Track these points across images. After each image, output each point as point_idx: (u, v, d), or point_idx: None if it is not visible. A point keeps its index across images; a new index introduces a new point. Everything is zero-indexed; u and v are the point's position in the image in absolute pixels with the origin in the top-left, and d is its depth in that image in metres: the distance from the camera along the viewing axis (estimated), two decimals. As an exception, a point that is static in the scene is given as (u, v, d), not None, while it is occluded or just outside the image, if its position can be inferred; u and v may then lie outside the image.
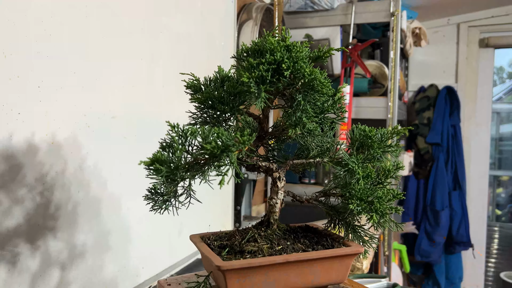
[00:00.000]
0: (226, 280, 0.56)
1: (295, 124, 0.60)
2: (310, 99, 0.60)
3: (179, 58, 1.19)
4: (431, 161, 3.07)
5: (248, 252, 0.60)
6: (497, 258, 3.55)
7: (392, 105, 1.95)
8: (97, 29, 0.88)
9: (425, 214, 3.08)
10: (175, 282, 0.70)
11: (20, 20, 0.70)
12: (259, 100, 0.57)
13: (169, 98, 1.14)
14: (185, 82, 0.67)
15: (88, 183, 0.87)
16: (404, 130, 0.66)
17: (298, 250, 0.62)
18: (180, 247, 1.22)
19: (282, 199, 0.69)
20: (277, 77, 0.59)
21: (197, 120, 0.67)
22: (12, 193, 0.70)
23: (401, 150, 0.68)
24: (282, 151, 0.74)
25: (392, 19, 1.93)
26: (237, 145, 0.52)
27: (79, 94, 0.84)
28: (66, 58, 0.80)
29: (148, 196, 0.60)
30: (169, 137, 0.55)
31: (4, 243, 0.69)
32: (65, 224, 0.81)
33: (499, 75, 3.92)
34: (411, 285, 3.28)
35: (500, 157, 3.81)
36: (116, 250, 0.96)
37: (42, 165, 0.76)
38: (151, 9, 1.06)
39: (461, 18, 3.26)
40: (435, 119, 3.05)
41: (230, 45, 1.49)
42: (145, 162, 0.52)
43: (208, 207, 1.37)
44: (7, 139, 0.69)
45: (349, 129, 0.68)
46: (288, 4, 2.08)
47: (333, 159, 0.67)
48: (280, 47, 0.58)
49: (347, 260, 0.64)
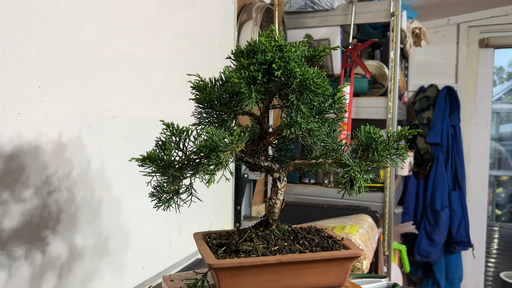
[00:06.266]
0: (219, 278, 0.57)
1: (290, 125, 0.60)
2: (305, 99, 0.60)
3: (179, 58, 1.19)
4: (431, 161, 3.07)
5: (243, 251, 0.61)
6: (497, 258, 3.55)
7: (392, 105, 1.95)
8: (97, 29, 0.88)
9: (425, 214, 3.08)
10: (178, 278, 0.71)
11: (20, 20, 0.70)
12: (250, 100, 0.57)
13: (169, 98, 1.14)
14: (188, 82, 0.67)
15: (89, 183, 0.87)
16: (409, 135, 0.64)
17: (295, 251, 0.62)
18: (180, 247, 1.22)
19: (282, 199, 0.69)
20: (269, 77, 0.59)
21: (201, 120, 0.67)
22: (12, 193, 0.70)
23: (407, 152, 0.67)
24: (289, 151, 0.74)
25: (392, 19, 1.93)
26: (228, 145, 0.52)
27: (79, 94, 0.84)
28: (66, 58, 0.80)
29: (153, 193, 0.61)
30: (163, 135, 0.56)
31: (4, 243, 0.69)
32: (66, 225, 0.81)
33: (499, 75, 3.92)
34: (411, 285, 3.28)
35: (500, 157, 3.81)
36: (116, 250, 0.96)
37: (42, 165, 0.76)
38: (151, 9, 1.06)
39: (461, 18, 3.26)
40: (435, 119, 3.05)
41: (230, 45, 1.49)
42: (136, 159, 0.52)
43: (208, 207, 1.37)
44: (7, 139, 0.69)
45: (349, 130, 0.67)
46: (288, 4, 2.08)
47: (337, 161, 0.67)
48: (272, 47, 0.58)
49: (346, 263, 0.63)
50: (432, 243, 3.03)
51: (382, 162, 0.66)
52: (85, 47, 0.85)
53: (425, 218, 3.08)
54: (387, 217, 1.93)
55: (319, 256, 0.61)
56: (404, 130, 0.65)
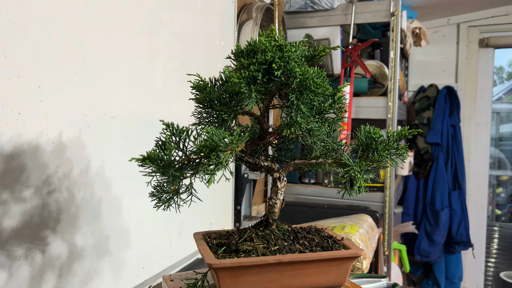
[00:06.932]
0: (219, 278, 0.57)
1: (290, 125, 0.60)
2: (305, 99, 0.60)
3: (179, 58, 1.19)
4: (431, 161, 3.07)
5: (242, 251, 0.61)
6: (497, 258, 3.56)
7: (392, 105, 1.95)
8: (97, 29, 0.88)
9: (425, 214, 3.08)
10: (178, 278, 0.71)
11: (20, 20, 0.70)
12: (250, 100, 0.57)
13: (169, 98, 1.14)
14: (188, 82, 0.67)
15: (89, 183, 0.87)
16: (409, 135, 0.64)
17: (296, 251, 0.62)
18: (180, 247, 1.22)
19: (282, 199, 0.69)
20: (269, 77, 0.59)
21: (201, 120, 0.67)
22: (12, 193, 0.70)
23: (407, 152, 0.67)
24: (289, 151, 0.74)
25: (392, 19, 1.93)
26: (228, 145, 0.52)
27: (79, 94, 0.84)
28: (66, 58, 0.80)
29: (154, 193, 0.61)
30: (163, 135, 0.56)
31: (4, 243, 0.69)
32: (66, 225, 0.81)
33: (499, 75, 3.92)
34: (411, 285, 3.28)
35: (500, 157, 3.81)
36: (116, 250, 0.96)
37: (42, 165, 0.76)
38: (151, 9, 1.06)
39: (461, 18, 3.26)
40: (435, 119, 3.05)
41: (230, 45, 1.49)
42: (137, 159, 0.52)
43: (208, 207, 1.37)
44: (7, 139, 0.69)
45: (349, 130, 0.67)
46: (288, 4, 2.08)
47: (337, 161, 0.67)
48: (272, 47, 0.58)
49: (346, 263, 0.63)
50: (432, 243, 3.03)
51: (382, 162, 0.66)
52: (85, 47, 0.85)
53: (425, 218, 3.08)
54: (387, 217, 1.93)
55: (319, 256, 0.61)
56: (404, 130, 0.65)
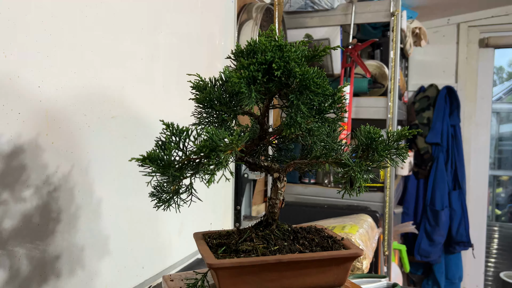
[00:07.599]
0: (219, 278, 0.57)
1: (290, 125, 0.60)
2: (305, 99, 0.60)
3: (179, 58, 1.19)
4: (431, 161, 3.07)
5: (242, 251, 0.61)
6: (497, 258, 3.55)
7: (392, 105, 1.95)
8: (97, 29, 0.88)
9: (425, 214, 3.08)
10: (178, 278, 0.71)
11: (20, 20, 0.70)
12: (250, 100, 0.57)
13: (169, 97, 1.14)
14: (188, 82, 0.67)
15: (89, 183, 0.87)
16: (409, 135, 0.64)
17: (296, 251, 0.62)
18: (180, 247, 1.22)
19: (282, 199, 0.69)
20: (269, 77, 0.59)
21: (201, 120, 0.67)
22: (12, 193, 0.70)
23: (407, 152, 0.66)
24: (289, 151, 0.74)
25: (392, 19, 1.93)
26: (228, 145, 0.52)
27: (79, 94, 0.84)
28: (66, 58, 0.80)
29: (154, 193, 0.61)
30: (163, 135, 0.56)
31: (4, 243, 0.69)
32: (66, 225, 0.81)
33: (499, 75, 3.92)
34: (411, 285, 3.28)
35: (500, 157, 3.81)
36: (116, 250, 0.96)
37: (42, 165, 0.76)
38: (151, 9, 1.06)
39: (461, 18, 3.26)
40: (435, 119, 3.05)
41: (230, 45, 1.49)
42: (137, 159, 0.52)
43: (208, 207, 1.37)
44: (7, 139, 0.69)
45: (349, 130, 0.67)
46: (288, 4, 2.08)
47: (337, 161, 0.67)
48: (272, 47, 0.58)
49: (346, 263, 0.63)
50: (432, 243, 3.03)
51: (382, 162, 0.65)
52: (85, 47, 0.85)
53: (425, 218, 3.08)
54: (387, 217, 1.93)
55: (319, 256, 0.61)
56: (404, 130, 0.65)
